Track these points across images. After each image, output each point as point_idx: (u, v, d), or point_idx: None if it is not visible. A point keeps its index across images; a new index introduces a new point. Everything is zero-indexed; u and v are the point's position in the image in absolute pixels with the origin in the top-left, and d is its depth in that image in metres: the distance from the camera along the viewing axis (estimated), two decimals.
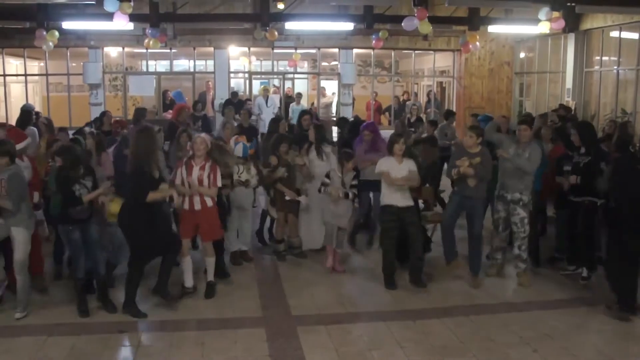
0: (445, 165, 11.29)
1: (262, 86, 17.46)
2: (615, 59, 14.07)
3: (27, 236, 6.23)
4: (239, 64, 18.50)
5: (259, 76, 19.92)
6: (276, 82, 19.00)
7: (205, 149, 6.67)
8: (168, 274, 6.51)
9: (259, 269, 8.06)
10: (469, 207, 7.22)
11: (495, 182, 7.51)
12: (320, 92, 19.22)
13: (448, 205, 7.40)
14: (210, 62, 17.71)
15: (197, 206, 6.69)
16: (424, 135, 9.95)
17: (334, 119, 16.40)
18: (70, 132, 8.84)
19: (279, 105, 17.32)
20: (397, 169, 7.11)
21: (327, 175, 7.62)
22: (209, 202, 6.76)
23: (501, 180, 7.41)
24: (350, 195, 7.53)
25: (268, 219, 8.88)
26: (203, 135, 6.91)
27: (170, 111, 13.38)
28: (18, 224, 6.17)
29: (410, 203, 7.19)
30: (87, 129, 9.32)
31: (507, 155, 7.18)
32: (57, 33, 13.04)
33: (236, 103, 15.25)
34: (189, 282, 6.77)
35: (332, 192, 7.45)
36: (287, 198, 7.96)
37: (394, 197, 7.08)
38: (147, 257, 6.41)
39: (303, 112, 10.14)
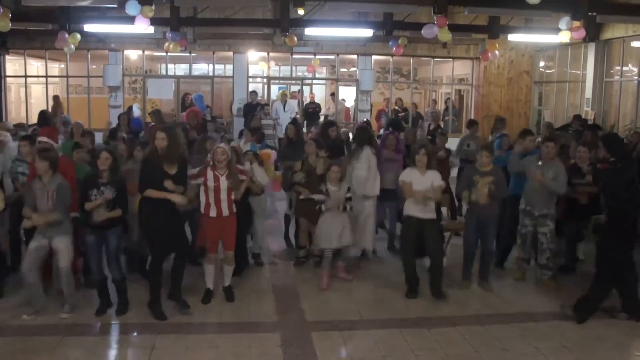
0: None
1: (280, 91, 17.53)
2: (636, 69, 13.97)
3: (70, 243, 6.33)
4: (257, 68, 18.54)
5: (277, 81, 19.95)
6: (296, 87, 18.99)
7: (227, 159, 6.66)
8: (180, 280, 6.57)
9: (275, 273, 8.09)
10: (483, 223, 7.31)
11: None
12: (333, 99, 19.23)
13: (468, 222, 7.45)
14: (230, 67, 17.76)
15: (225, 212, 6.68)
16: (440, 152, 9.79)
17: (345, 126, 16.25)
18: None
19: (296, 110, 17.36)
20: (420, 180, 7.07)
21: (323, 191, 7.50)
22: (234, 209, 6.78)
23: (528, 197, 7.55)
24: (348, 209, 7.42)
25: (292, 224, 8.89)
26: (223, 145, 6.90)
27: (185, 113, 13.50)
28: (62, 234, 6.26)
29: (432, 215, 7.15)
30: (120, 134, 9.52)
31: (543, 180, 7.25)
32: (78, 35, 13.18)
33: (255, 105, 15.50)
34: (210, 284, 6.86)
35: (333, 206, 7.36)
36: (302, 197, 7.97)
37: (415, 209, 7.05)
38: (159, 255, 6.39)
39: (289, 123, 10.01)
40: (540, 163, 7.46)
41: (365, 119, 15.08)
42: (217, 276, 7.01)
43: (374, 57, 17.78)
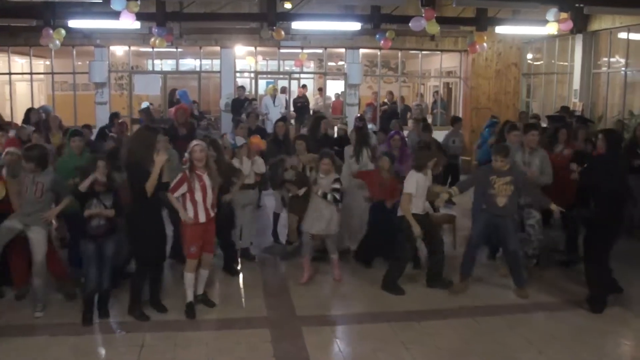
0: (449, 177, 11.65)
1: (270, 85, 17.44)
2: (623, 60, 13.97)
3: (45, 237, 6.34)
4: (245, 63, 18.44)
5: (265, 76, 19.87)
6: (285, 82, 18.96)
7: (206, 157, 6.41)
8: (160, 286, 6.53)
9: (265, 268, 8.09)
10: (500, 225, 7.04)
11: None
12: (320, 93, 19.15)
13: (476, 224, 7.30)
14: (217, 62, 17.64)
15: (212, 213, 6.47)
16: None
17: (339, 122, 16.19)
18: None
19: (284, 106, 17.30)
20: (422, 181, 7.16)
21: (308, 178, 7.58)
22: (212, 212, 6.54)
23: None
24: (330, 198, 7.32)
25: (281, 219, 8.94)
26: (200, 142, 6.54)
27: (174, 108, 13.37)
28: (39, 226, 6.26)
29: (430, 209, 7.37)
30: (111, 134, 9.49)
31: (535, 176, 7.31)
32: (63, 31, 13.06)
33: (243, 100, 15.41)
34: (191, 296, 6.45)
35: (316, 191, 7.37)
36: (291, 194, 8.04)
37: (419, 206, 7.15)
38: (149, 262, 6.32)
39: (277, 121, 10.00)
40: (524, 153, 7.46)
41: (359, 114, 14.98)
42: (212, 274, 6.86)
43: (362, 50, 17.66)
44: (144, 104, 14.89)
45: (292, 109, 17.27)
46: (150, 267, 6.38)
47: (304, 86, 18.33)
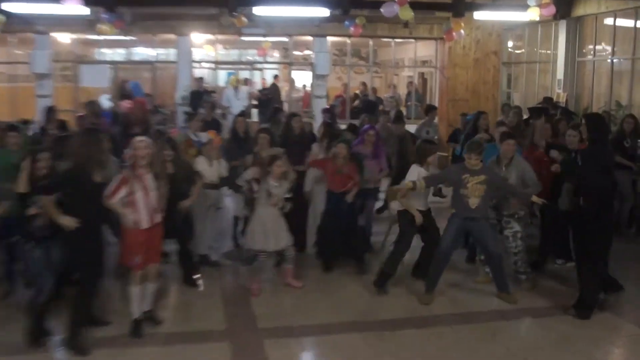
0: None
1: (232, 76, 17.29)
2: (610, 47, 14.11)
3: None
4: (203, 52, 18.28)
5: (225, 66, 19.76)
6: (247, 73, 18.86)
7: (150, 154, 6.09)
8: (88, 311, 6.05)
9: (224, 276, 8.03)
10: (474, 229, 7.07)
11: None
12: (277, 80, 19.08)
13: (447, 229, 7.17)
14: (173, 51, 17.39)
15: (157, 218, 6.17)
16: None
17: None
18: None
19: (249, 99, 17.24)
20: (424, 175, 7.26)
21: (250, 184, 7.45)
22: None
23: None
24: (286, 209, 7.33)
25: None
26: (144, 137, 6.29)
27: (129, 102, 13.17)
28: None
29: (428, 205, 7.53)
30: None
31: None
32: (2, 17, 12.76)
33: (201, 93, 15.25)
34: (137, 312, 6.18)
35: (272, 202, 7.23)
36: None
37: (418, 203, 7.33)
38: (96, 277, 6.02)
39: (237, 115, 9.90)
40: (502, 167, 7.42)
41: (328, 106, 14.93)
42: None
43: (330, 38, 17.58)
44: (103, 98, 14.70)
45: (255, 102, 17.13)
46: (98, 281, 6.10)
47: (276, 77, 18.25)
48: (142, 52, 18.87)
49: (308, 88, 19.76)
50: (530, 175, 7.33)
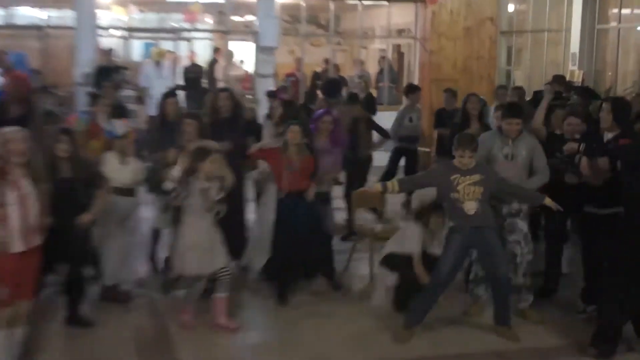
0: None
1: (154, 48, 17.08)
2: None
3: None
4: (112, 16, 18.06)
5: (142, 34, 19.51)
6: (170, 45, 18.61)
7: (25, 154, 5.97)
8: None
9: (137, 310, 7.79)
10: (480, 243, 7.00)
11: None
12: (229, 60, 18.72)
13: (446, 251, 7.06)
14: (69, 13, 16.76)
15: (36, 240, 6.03)
16: None
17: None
18: None
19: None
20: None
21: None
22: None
23: None
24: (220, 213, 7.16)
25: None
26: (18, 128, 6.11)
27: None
28: None
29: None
30: None
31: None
32: None
33: (110, 69, 14.87)
34: None
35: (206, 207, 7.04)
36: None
37: (438, 245, 7.52)
38: None
39: (165, 95, 9.53)
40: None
41: (275, 88, 14.69)
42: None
43: (280, 0, 17.48)
44: None
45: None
46: None
47: (217, 50, 18.00)
48: (28, 14, 18.47)
49: (250, 65, 19.40)
50: (540, 157, 7.47)
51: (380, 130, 11.15)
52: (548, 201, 7.07)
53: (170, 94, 9.75)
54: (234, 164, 7.61)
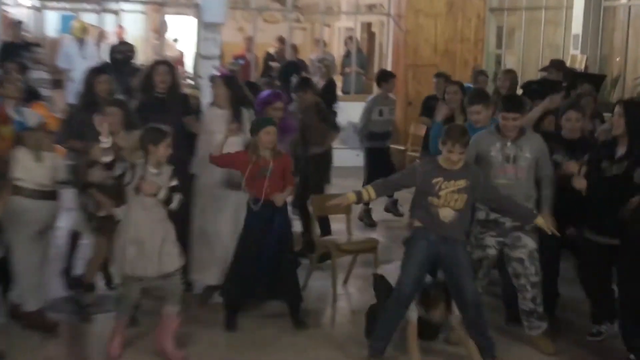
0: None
1: (75, 22, 16.90)
2: None
3: None
4: None
5: (57, 4, 19.31)
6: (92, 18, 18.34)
7: None
8: None
9: (48, 339, 7.50)
10: (446, 256, 6.98)
11: None
12: (121, 32, 18.79)
13: (407, 259, 7.10)
14: None
15: None
16: None
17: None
18: None
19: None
20: None
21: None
22: None
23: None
24: (175, 205, 7.15)
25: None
26: None
27: None
28: None
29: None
30: None
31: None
32: None
33: (20, 46, 14.81)
34: None
35: (146, 188, 6.94)
36: (101, 213, 7.87)
37: None
38: None
39: (94, 71, 9.31)
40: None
41: (220, 73, 14.63)
42: None
43: None
44: None
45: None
46: None
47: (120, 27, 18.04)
48: None
49: (191, 45, 19.46)
50: (546, 163, 7.53)
51: (327, 119, 10.82)
52: (541, 222, 7.09)
53: (101, 69, 9.55)
54: (178, 156, 7.60)
